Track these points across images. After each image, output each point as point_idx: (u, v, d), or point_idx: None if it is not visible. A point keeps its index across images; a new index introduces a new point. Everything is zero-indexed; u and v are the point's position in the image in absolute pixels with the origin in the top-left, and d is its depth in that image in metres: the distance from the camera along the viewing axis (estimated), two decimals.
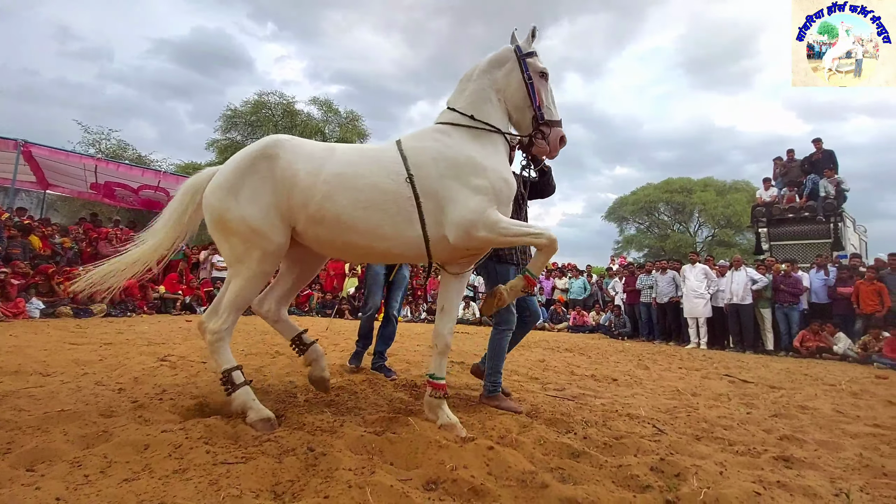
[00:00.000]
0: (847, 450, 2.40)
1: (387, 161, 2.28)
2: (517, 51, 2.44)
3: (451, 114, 2.44)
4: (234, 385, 2.22)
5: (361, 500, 1.49)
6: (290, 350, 4.70)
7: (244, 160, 2.32)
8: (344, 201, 2.21)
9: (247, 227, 2.21)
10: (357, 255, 2.47)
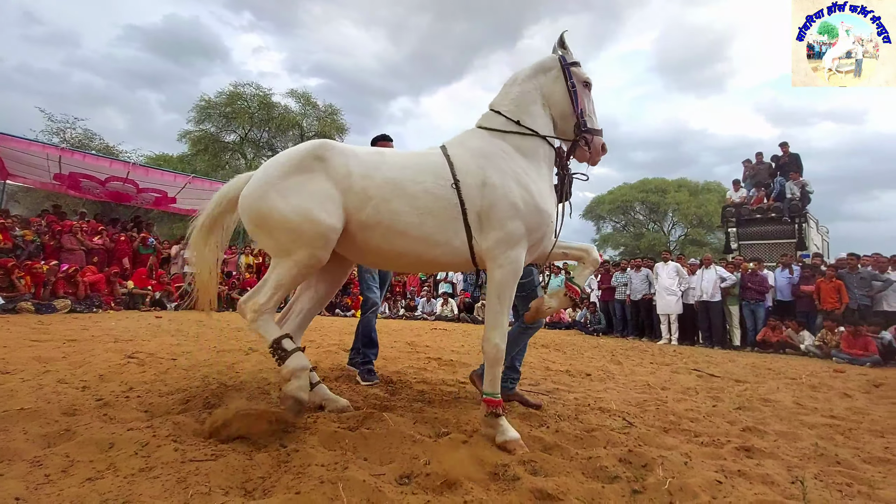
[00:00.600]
0: (804, 440, 2.51)
1: (436, 166, 2.27)
2: (562, 59, 2.48)
3: (497, 118, 2.43)
4: (286, 351, 2.18)
5: (333, 495, 1.49)
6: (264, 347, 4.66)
7: (292, 159, 2.27)
8: (400, 206, 2.18)
9: (295, 222, 2.15)
10: (404, 262, 2.37)
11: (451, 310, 12.55)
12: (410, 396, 2.90)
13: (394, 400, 2.77)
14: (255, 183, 2.28)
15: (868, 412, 3.45)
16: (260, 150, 24.01)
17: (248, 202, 2.27)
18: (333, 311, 11.78)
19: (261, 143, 24.00)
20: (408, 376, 3.59)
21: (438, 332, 8.54)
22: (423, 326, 9.81)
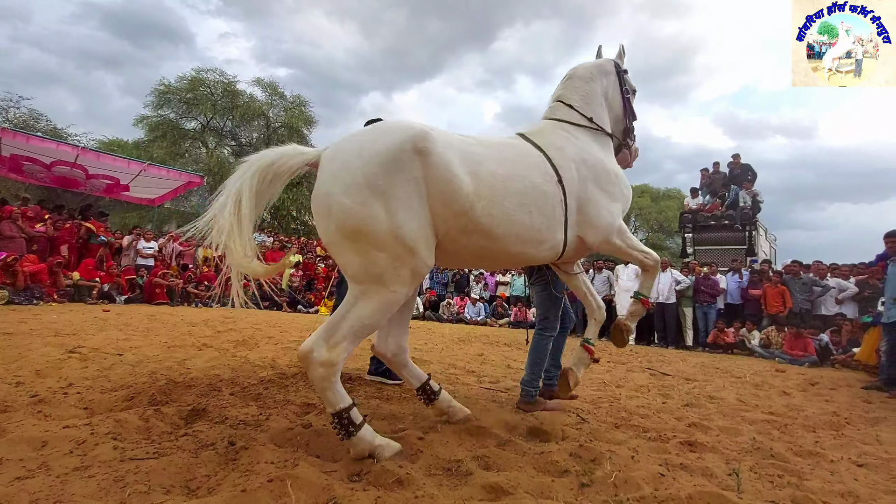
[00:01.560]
0: (744, 434, 2.65)
1: (535, 160, 2.14)
2: (617, 66, 2.57)
3: (570, 111, 2.42)
4: (354, 425, 1.75)
5: (281, 492, 1.46)
6: (218, 343, 4.51)
7: (387, 153, 1.77)
8: (511, 205, 1.98)
9: (399, 241, 1.72)
10: (505, 262, 2.21)
11: (416, 307, 12.53)
12: (368, 393, 2.88)
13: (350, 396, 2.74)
14: (345, 176, 1.74)
15: (803, 409, 3.68)
16: (223, 139, 23.19)
17: (339, 202, 1.72)
18: (296, 308, 11.54)
19: (224, 132, 23.18)
20: (366, 373, 3.55)
21: None
22: None
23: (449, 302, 12.89)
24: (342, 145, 1.86)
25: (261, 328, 6.32)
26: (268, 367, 3.44)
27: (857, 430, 3.10)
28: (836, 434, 2.91)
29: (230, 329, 5.84)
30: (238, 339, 4.87)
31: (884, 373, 5.33)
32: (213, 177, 19.81)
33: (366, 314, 1.74)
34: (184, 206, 21.36)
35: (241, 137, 23.73)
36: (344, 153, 1.81)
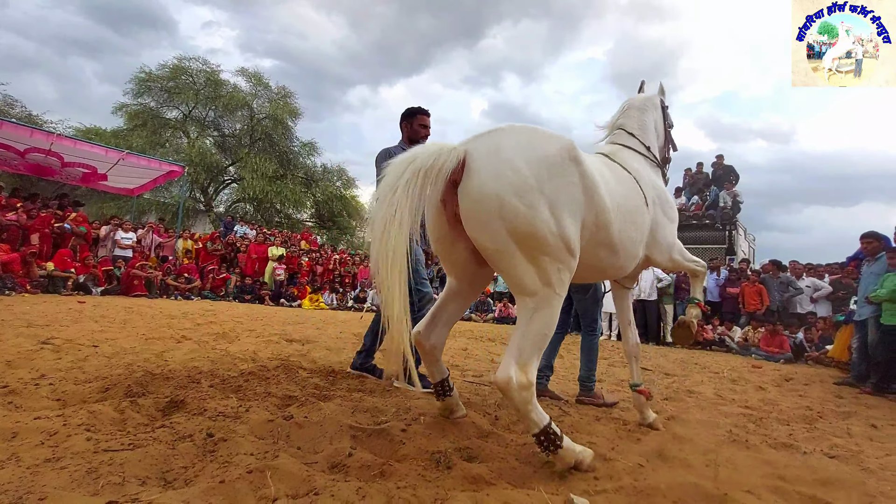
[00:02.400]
0: (721, 427, 2.71)
1: (632, 183, 2.28)
2: (662, 101, 2.86)
3: (632, 139, 2.62)
4: (558, 439, 1.71)
5: (261, 483, 1.44)
6: (198, 336, 4.44)
7: (552, 157, 1.74)
8: (629, 223, 2.12)
9: (566, 245, 1.70)
10: (606, 275, 2.34)
11: None
12: (351, 386, 2.85)
13: (333, 389, 2.72)
14: (513, 177, 1.65)
15: (777, 403, 3.78)
16: (205, 129, 22.69)
17: (512, 205, 1.62)
18: (278, 302, 11.41)
19: (206, 122, 22.69)
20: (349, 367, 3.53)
21: None
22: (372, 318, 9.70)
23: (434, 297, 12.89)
24: (499, 142, 1.75)
25: (242, 321, 6.23)
26: (249, 360, 3.39)
27: (829, 423, 3.19)
28: (808, 427, 2.99)
29: (210, 322, 5.74)
30: (218, 332, 4.79)
31: (855, 369, 5.50)
32: (194, 167, 19.43)
33: (545, 324, 1.70)
34: (164, 197, 20.91)
35: (223, 128, 23.26)
36: (504, 152, 1.71)
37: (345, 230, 26.09)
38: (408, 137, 3.24)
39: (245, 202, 23.01)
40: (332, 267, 13.60)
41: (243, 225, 15.17)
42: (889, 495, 1.82)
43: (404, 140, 3.26)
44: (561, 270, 1.72)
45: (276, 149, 22.85)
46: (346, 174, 24.89)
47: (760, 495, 1.63)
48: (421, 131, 3.22)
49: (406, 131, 3.24)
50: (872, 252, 5.44)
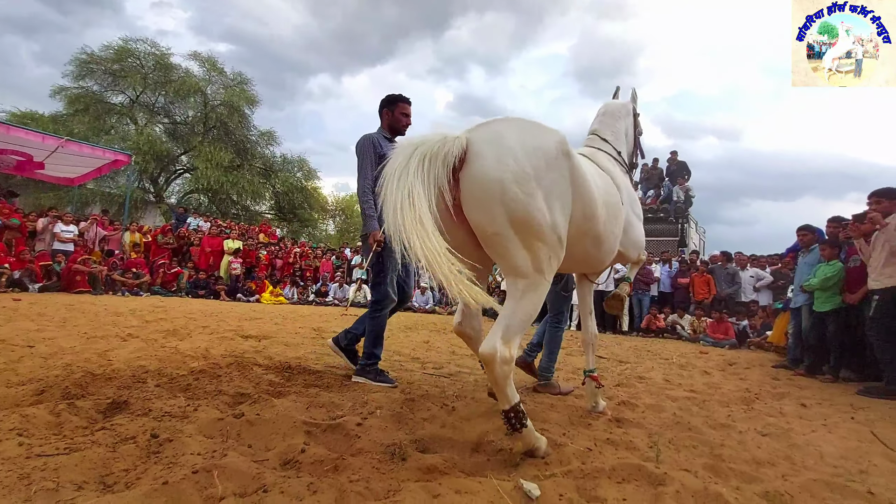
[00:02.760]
0: (667, 411, 2.85)
1: (609, 181, 2.38)
2: (634, 110, 2.99)
3: (606, 145, 2.73)
4: (524, 419, 1.80)
5: (207, 483, 1.40)
6: (146, 333, 4.23)
7: (548, 149, 1.82)
8: (613, 218, 2.26)
9: (556, 234, 1.80)
10: (589, 267, 2.52)
11: (364, 296, 12.36)
12: (307, 382, 2.81)
13: (288, 385, 2.67)
14: (513, 164, 1.72)
15: (720, 386, 4.01)
16: (154, 115, 21.49)
17: (513, 191, 1.68)
18: (235, 297, 11.04)
19: (155, 108, 21.50)
20: (308, 362, 3.48)
21: (349, 317, 8.37)
22: (334, 312, 9.57)
23: None
24: (500, 131, 1.81)
25: (195, 318, 5.99)
26: (200, 358, 3.27)
27: (765, 404, 3.42)
28: (746, 408, 3.20)
29: (160, 319, 5.49)
30: (168, 329, 4.59)
31: (790, 353, 5.91)
32: (143, 156, 18.42)
33: (531, 307, 1.78)
34: (109, 187, 19.74)
35: (174, 115, 22.12)
36: (506, 140, 1.77)
37: (306, 223, 25.50)
38: (388, 125, 3.16)
39: (199, 193, 22.04)
40: (293, 260, 13.28)
41: (197, 217, 14.55)
42: (812, 468, 1.98)
43: (384, 127, 3.17)
44: (551, 258, 1.82)
45: (231, 138, 21.96)
46: (307, 165, 24.24)
47: (697, 473, 1.73)
48: (402, 119, 3.16)
49: (387, 118, 3.16)
50: (807, 244, 5.84)
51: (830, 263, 5.15)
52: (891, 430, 2.82)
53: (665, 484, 1.59)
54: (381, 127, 3.19)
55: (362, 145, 2.98)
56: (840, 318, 4.94)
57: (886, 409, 3.51)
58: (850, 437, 2.54)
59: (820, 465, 2.02)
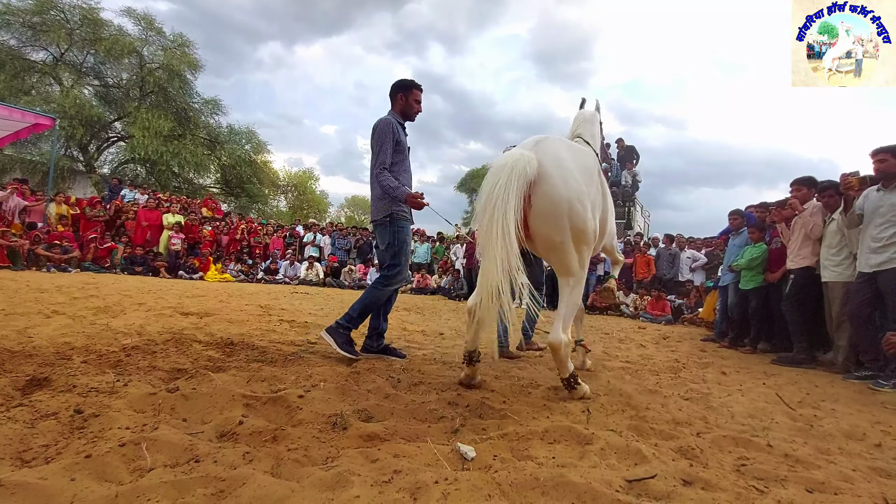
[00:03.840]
0: (602, 379, 3.03)
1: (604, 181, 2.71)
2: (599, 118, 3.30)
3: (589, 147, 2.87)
4: (578, 380, 2.38)
5: (135, 455, 1.36)
6: (74, 310, 3.97)
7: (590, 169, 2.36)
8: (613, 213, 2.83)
9: (594, 236, 2.30)
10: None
11: (316, 274, 12.13)
12: (249, 357, 2.75)
13: (230, 361, 2.60)
14: (574, 185, 2.15)
15: (653, 357, 4.30)
16: (83, 76, 19.63)
17: (577, 209, 2.13)
18: (176, 274, 10.51)
19: (84, 69, 19.63)
20: (252, 338, 3.39)
21: (299, 295, 8.21)
22: (284, 290, 9.33)
23: (351, 268, 12.68)
24: (559, 154, 2.23)
25: (130, 294, 5.66)
26: (133, 335, 3.11)
27: (690, 372, 3.71)
28: (674, 377, 3.45)
29: (91, 296, 5.15)
30: (99, 306, 4.32)
31: (717, 327, 6.41)
32: (70, 120, 16.89)
33: (578, 297, 2.32)
34: (30, 154, 18.02)
35: (106, 76, 20.32)
36: (567, 163, 2.21)
37: (255, 198, 24.44)
38: (401, 110, 3.16)
39: (135, 163, 20.55)
40: (240, 237, 12.76)
41: (133, 189, 13.60)
42: (723, 426, 2.18)
43: (396, 111, 3.15)
44: (588, 257, 2.30)
45: (172, 104, 20.50)
46: (256, 137, 23.10)
47: (622, 433, 1.87)
48: (415, 106, 3.17)
49: (401, 103, 3.15)
50: (736, 227, 6.28)
51: (756, 245, 5.58)
52: (795, 392, 3.15)
53: (592, 443, 1.70)
54: (392, 111, 3.17)
55: (384, 128, 2.98)
56: (761, 295, 5.39)
57: (794, 375, 3.90)
58: (759, 400, 2.81)
59: (730, 424, 2.23)
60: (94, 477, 1.25)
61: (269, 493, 1.19)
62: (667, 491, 1.35)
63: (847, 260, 4.27)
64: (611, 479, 1.38)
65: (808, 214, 4.65)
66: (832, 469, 1.71)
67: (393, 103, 3.18)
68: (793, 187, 5.04)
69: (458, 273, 12.27)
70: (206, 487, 1.22)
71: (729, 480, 1.49)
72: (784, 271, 5.05)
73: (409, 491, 1.26)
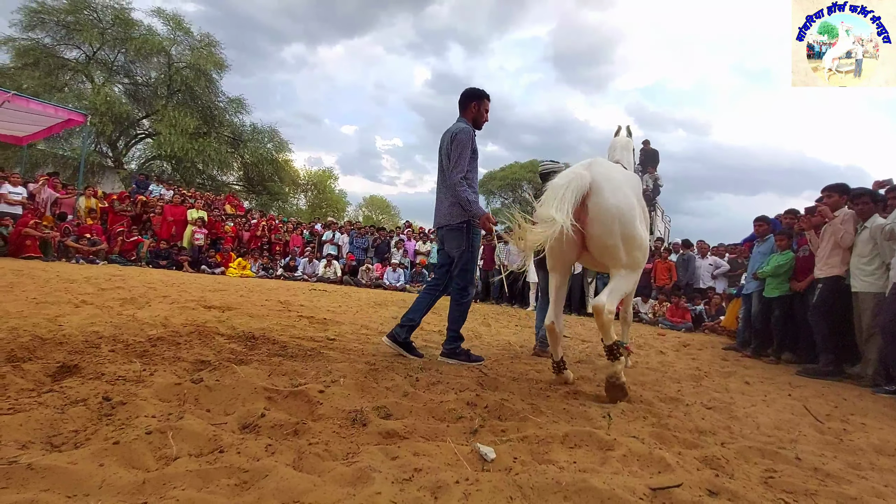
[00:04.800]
0: None
1: None
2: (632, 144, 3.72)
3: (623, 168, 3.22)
4: (619, 353, 2.49)
5: (161, 444, 1.38)
6: (101, 301, 4.08)
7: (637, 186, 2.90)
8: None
9: (645, 244, 2.66)
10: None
11: (334, 272, 12.24)
12: (271, 351, 2.78)
13: (252, 354, 2.64)
14: (623, 198, 2.53)
15: (673, 365, 4.21)
16: (113, 74, 20.24)
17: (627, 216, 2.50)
18: (199, 268, 10.73)
19: (114, 67, 20.23)
20: (273, 333, 3.43)
21: (318, 292, 8.30)
22: (302, 287, 9.44)
23: (368, 267, 12.75)
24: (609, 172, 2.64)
25: (155, 287, 5.80)
26: (159, 326, 3.18)
27: (713, 381, 3.63)
28: (695, 385, 3.38)
29: (118, 287, 5.29)
30: (126, 297, 4.44)
31: (740, 336, 6.25)
32: (100, 117, 17.40)
33: (627, 285, 2.64)
34: (62, 148, 18.63)
35: (135, 75, 20.91)
36: (616, 179, 2.60)
37: (276, 196, 24.82)
38: (473, 118, 3.23)
39: (161, 160, 21.06)
40: (261, 233, 12.96)
41: (159, 185, 13.95)
42: (748, 437, 2.12)
43: (469, 119, 3.22)
44: (641, 260, 2.63)
45: (198, 103, 20.98)
46: (278, 136, 23.44)
47: (644, 440, 1.83)
48: (484, 115, 3.27)
49: (474, 111, 3.23)
50: (762, 234, 6.12)
51: (783, 253, 5.42)
52: (822, 405, 3.05)
53: (613, 449, 1.67)
54: (464, 117, 3.24)
55: (466, 137, 3.06)
56: (785, 304, 5.24)
57: (820, 387, 3.78)
58: (784, 411, 2.73)
59: (756, 435, 2.17)
60: (121, 463, 1.28)
61: (292, 486, 1.20)
62: (692, 501, 1.32)
63: (879, 270, 4.12)
64: (634, 486, 1.35)
65: (839, 222, 4.50)
66: (864, 484, 1.65)
67: (464, 110, 3.24)
68: (823, 193, 4.89)
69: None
70: (230, 478, 1.24)
71: (756, 493, 1.45)
72: (811, 280, 4.90)
73: (429, 490, 1.25)
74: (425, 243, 13.90)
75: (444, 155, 3.10)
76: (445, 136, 3.15)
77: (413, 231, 14.91)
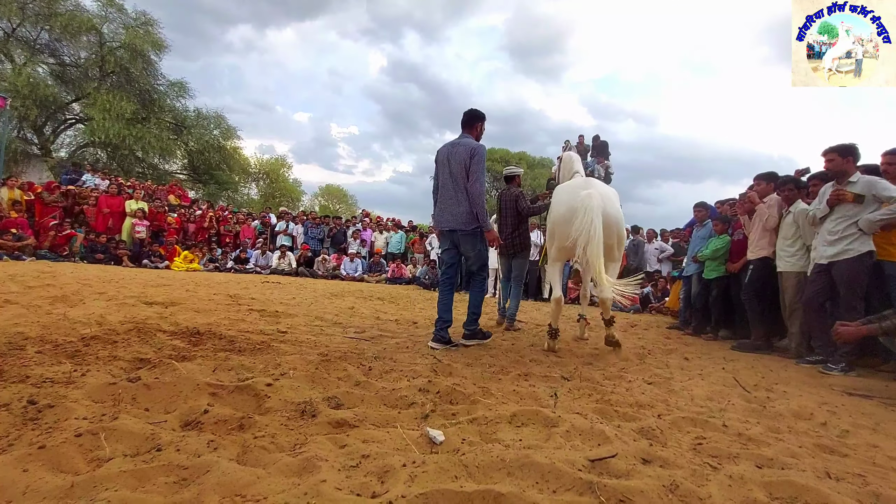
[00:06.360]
0: (569, 366, 3.11)
1: None
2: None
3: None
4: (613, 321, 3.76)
5: (93, 445, 1.32)
6: (28, 299, 3.79)
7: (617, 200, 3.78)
8: None
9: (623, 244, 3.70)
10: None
11: (288, 263, 11.92)
12: (217, 346, 2.69)
13: (196, 350, 2.54)
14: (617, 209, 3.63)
15: (619, 344, 4.41)
16: (36, 53, 18.52)
17: (621, 224, 3.63)
18: (140, 263, 10.14)
19: (37, 45, 18.52)
20: (220, 328, 3.32)
21: (270, 285, 8.06)
22: (254, 280, 9.14)
23: (324, 257, 12.51)
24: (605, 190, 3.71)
25: (90, 283, 5.44)
26: (93, 324, 3.00)
27: (655, 358, 3.84)
28: (639, 363, 3.56)
29: (47, 284, 4.92)
30: (56, 295, 4.14)
31: (681, 315, 6.64)
32: (22, 100, 15.94)
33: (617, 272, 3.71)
34: None
35: (62, 54, 19.24)
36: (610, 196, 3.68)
37: (225, 185, 23.75)
38: (477, 136, 3.67)
39: (95, 147, 19.61)
40: (208, 225, 12.39)
41: (94, 174, 13.00)
42: (683, 408, 2.27)
43: (473, 136, 3.64)
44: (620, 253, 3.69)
45: (135, 86, 19.63)
46: (225, 122, 22.39)
47: (587, 416, 1.92)
48: (482, 134, 3.73)
49: (479, 130, 3.69)
50: (701, 219, 6.49)
51: (720, 237, 5.78)
52: (751, 376, 3.30)
53: (558, 425, 1.75)
54: (469, 134, 3.63)
55: (483, 155, 3.49)
56: (722, 285, 5.61)
57: (751, 360, 4.09)
58: (717, 384, 2.94)
59: (690, 406, 2.33)
60: (48, 468, 1.21)
61: (235, 480, 1.18)
62: (627, 469, 1.40)
63: (801, 251, 4.48)
64: (574, 459, 1.42)
65: (767, 207, 4.85)
66: (781, 446, 1.81)
67: (470, 129, 3.65)
68: (754, 181, 5.24)
69: (433, 263, 12.28)
70: (168, 476, 1.20)
71: (686, 458, 1.56)
72: (744, 262, 5.26)
73: (376, 474, 1.27)
74: (382, 233, 13.78)
75: (460, 166, 3.44)
76: (458, 148, 3.48)
77: (371, 220, 14.73)
